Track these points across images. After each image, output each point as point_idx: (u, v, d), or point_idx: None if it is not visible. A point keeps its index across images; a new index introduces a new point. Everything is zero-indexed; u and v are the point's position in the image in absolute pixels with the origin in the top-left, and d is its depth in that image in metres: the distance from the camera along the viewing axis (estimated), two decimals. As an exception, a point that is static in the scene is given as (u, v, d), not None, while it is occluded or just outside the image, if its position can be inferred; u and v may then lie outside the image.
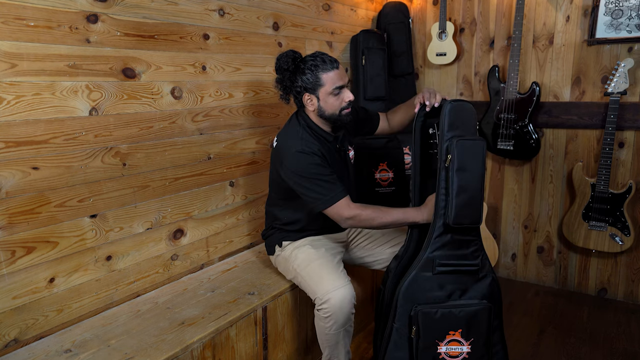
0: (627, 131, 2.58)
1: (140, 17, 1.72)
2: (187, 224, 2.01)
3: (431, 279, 1.69)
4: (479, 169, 1.63)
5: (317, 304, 1.72)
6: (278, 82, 1.83)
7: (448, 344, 1.68)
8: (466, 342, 1.69)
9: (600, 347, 2.29)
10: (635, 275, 2.69)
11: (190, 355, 1.51)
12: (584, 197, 2.62)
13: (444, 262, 1.69)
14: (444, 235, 1.67)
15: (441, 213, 1.66)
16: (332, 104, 1.76)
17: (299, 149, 1.72)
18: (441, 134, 1.67)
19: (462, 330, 1.67)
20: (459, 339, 1.69)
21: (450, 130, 1.65)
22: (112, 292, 1.75)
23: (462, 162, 1.61)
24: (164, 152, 1.87)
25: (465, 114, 1.67)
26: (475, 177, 1.63)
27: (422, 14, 3.17)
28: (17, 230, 1.45)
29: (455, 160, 1.61)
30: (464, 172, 1.62)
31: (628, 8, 2.47)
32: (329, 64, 1.73)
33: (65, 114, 1.53)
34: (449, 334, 1.68)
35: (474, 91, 3.05)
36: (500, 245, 3.09)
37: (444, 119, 1.65)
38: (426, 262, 1.69)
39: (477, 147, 1.63)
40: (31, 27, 1.42)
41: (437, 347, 1.68)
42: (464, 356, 1.70)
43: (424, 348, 1.68)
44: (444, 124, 1.66)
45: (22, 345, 1.50)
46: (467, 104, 1.68)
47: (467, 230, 1.68)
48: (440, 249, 1.68)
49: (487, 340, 1.71)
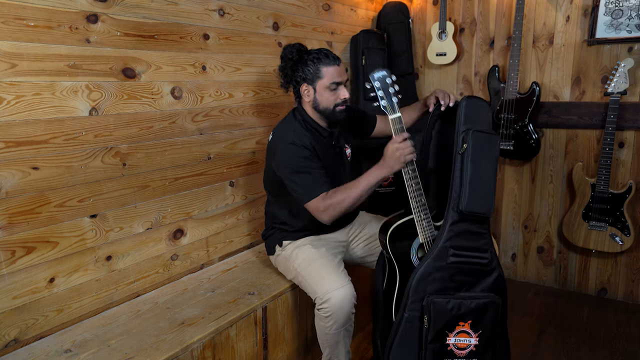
0: (627, 131, 2.58)
1: (140, 17, 1.72)
2: (187, 224, 2.01)
3: (443, 269, 1.72)
4: (492, 161, 1.71)
5: (317, 304, 1.72)
6: (280, 69, 1.89)
7: (457, 335, 1.70)
8: (474, 334, 1.71)
9: (600, 347, 2.29)
10: (635, 275, 2.69)
11: (190, 355, 1.51)
12: (584, 197, 2.62)
13: (457, 252, 1.72)
14: (458, 223, 1.70)
15: (455, 200, 1.70)
16: (328, 99, 1.80)
17: (291, 140, 1.77)
18: (457, 126, 1.73)
19: (471, 322, 1.70)
20: (467, 330, 1.71)
21: (466, 122, 1.72)
22: (112, 292, 1.75)
23: (476, 152, 1.69)
24: (164, 152, 1.87)
25: (480, 110, 1.75)
26: (488, 168, 1.70)
27: (422, 14, 3.17)
28: (17, 230, 1.45)
29: (470, 149, 1.68)
30: (478, 162, 1.69)
31: (628, 8, 2.47)
32: (331, 60, 1.78)
33: (65, 114, 1.53)
34: (459, 325, 1.70)
35: (474, 91, 3.05)
36: (500, 245, 3.09)
37: (460, 112, 1.73)
38: (440, 251, 1.71)
39: (491, 140, 1.71)
40: (31, 27, 1.42)
41: (447, 338, 1.70)
42: (471, 348, 1.71)
43: (433, 338, 1.70)
44: (460, 117, 1.73)
45: (22, 345, 1.50)
46: (483, 101, 1.75)
47: (479, 220, 1.72)
48: (453, 239, 1.71)
49: (492, 333, 1.72)
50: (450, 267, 1.71)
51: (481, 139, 1.69)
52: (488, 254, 1.73)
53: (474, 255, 1.72)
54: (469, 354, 1.71)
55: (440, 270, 1.71)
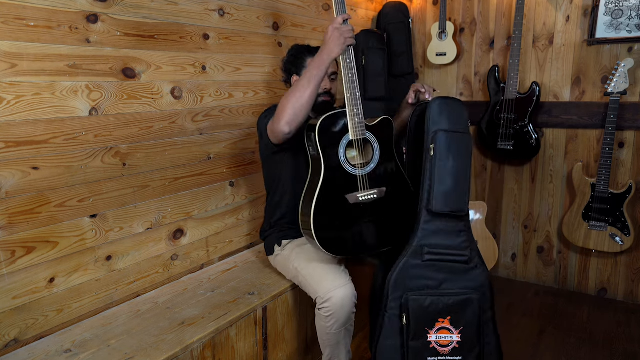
0: (627, 131, 2.58)
1: (140, 17, 1.72)
2: (187, 224, 2.01)
3: (421, 267, 1.76)
4: (463, 160, 1.74)
5: (318, 303, 1.72)
6: (282, 62, 2.00)
7: (438, 332, 1.73)
8: (456, 330, 1.73)
9: (600, 347, 2.29)
10: (635, 275, 2.69)
11: (190, 355, 1.51)
12: (584, 197, 2.62)
13: (432, 250, 1.75)
14: (431, 222, 1.73)
15: (426, 200, 1.75)
16: None
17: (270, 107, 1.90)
18: (427, 128, 1.78)
19: (450, 318, 1.72)
20: (448, 326, 1.73)
21: (435, 124, 1.76)
22: (112, 292, 1.75)
23: (444, 153, 1.73)
24: (164, 152, 1.87)
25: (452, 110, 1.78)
26: (458, 168, 1.73)
27: (422, 14, 3.17)
28: (17, 230, 1.45)
29: (438, 150, 1.72)
30: (446, 162, 1.73)
31: (628, 8, 2.47)
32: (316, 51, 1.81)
33: (65, 114, 1.53)
34: (438, 322, 1.73)
35: (474, 91, 3.05)
36: (500, 245, 3.09)
37: (429, 114, 1.77)
38: (415, 249, 1.75)
39: (462, 139, 1.74)
40: (31, 27, 1.42)
41: (427, 336, 1.72)
42: (454, 345, 1.73)
43: (414, 336, 1.72)
44: (429, 118, 1.77)
45: (22, 345, 1.50)
46: (456, 101, 1.78)
47: (455, 219, 1.75)
48: (428, 238, 1.75)
49: (478, 330, 1.73)
50: (427, 265, 1.75)
51: (451, 139, 1.74)
52: (467, 252, 1.76)
53: (451, 253, 1.75)
54: (452, 351, 1.73)
55: (417, 268, 1.75)
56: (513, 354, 2.23)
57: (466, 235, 1.77)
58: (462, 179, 1.74)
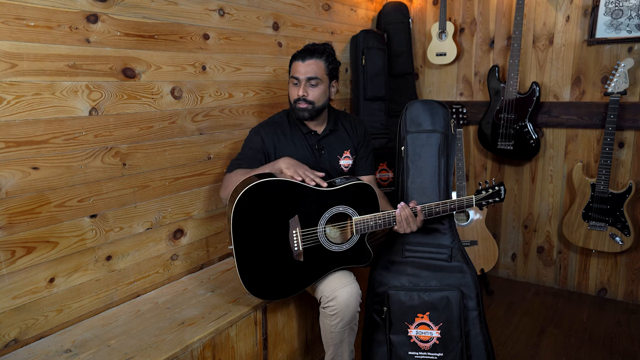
0: (627, 131, 2.58)
1: (140, 17, 1.72)
2: (187, 224, 2.01)
3: (402, 264, 1.83)
4: (432, 160, 1.83)
5: (322, 302, 1.72)
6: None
7: (417, 327, 1.78)
8: (435, 326, 1.77)
9: (600, 347, 2.30)
10: (635, 275, 2.69)
11: (190, 355, 1.51)
12: (584, 197, 2.62)
13: (412, 248, 1.82)
14: None
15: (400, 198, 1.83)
16: (291, 93, 1.90)
17: (254, 128, 1.94)
18: (399, 133, 1.89)
19: (429, 314, 1.76)
20: (427, 322, 1.77)
21: (406, 127, 1.87)
22: (112, 292, 1.75)
23: (414, 153, 1.84)
24: (164, 152, 1.87)
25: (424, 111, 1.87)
26: (427, 167, 1.83)
27: (422, 14, 3.17)
28: (17, 230, 1.45)
29: (408, 151, 1.83)
30: (416, 162, 1.84)
31: (628, 8, 2.47)
32: (299, 55, 1.85)
33: (65, 114, 1.53)
34: (417, 317, 1.78)
35: (474, 91, 3.05)
36: (500, 245, 3.09)
37: (401, 120, 1.88)
38: (396, 246, 1.83)
39: (429, 137, 1.84)
40: (31, 27, 1.42)
41: (408, 330, 1.77)
42: (434, 341, 1.77)
43: (396, 330, 1.77)
44: (401, 123, 1.88)
45: (22, 345, 1.50)
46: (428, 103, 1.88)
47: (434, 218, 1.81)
48: (408, 235, 1.81)
49: (460, 327, 1.74)
50: (406, 262, 1.82)
51: (418, 138, 1.84)
52: (447, 250, 1.81)
53: (431, 251, 1.81)
54: (433, 347, 1.76)
55: (397, 264, 1.82)
56: (513, 353, 2.23)
57: (447, 233, 1.82)
58: (430, 178, 1.82)
